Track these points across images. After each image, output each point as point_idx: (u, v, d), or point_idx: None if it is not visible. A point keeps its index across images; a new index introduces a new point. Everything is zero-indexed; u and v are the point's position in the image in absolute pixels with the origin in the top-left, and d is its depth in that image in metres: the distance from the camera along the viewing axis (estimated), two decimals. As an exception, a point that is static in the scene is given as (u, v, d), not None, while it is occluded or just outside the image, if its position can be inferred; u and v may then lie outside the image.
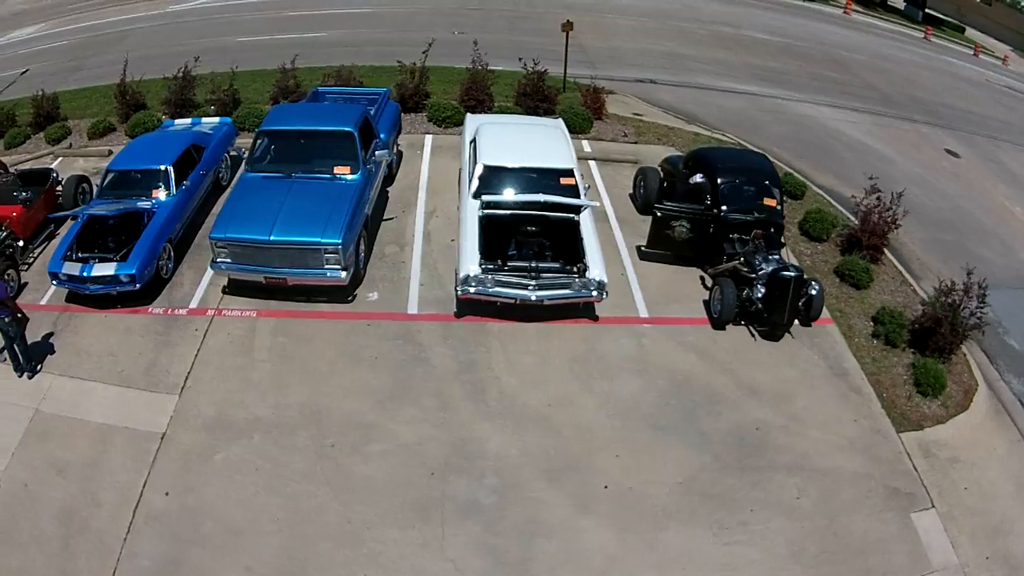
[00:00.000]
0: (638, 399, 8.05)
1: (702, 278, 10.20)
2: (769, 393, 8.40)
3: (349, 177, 9.85)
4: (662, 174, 11.57)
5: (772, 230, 10.14)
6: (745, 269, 9.49)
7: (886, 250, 11.65)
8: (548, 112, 13.81)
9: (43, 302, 9.99)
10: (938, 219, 14.11)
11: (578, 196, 9.57)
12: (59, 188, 12.27)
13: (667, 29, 23.04)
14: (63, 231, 11.85)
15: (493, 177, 9.51)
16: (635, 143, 13.59)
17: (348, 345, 8.64)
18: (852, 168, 15.49)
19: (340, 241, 8.71)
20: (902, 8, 36.46)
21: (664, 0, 27.52)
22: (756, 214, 10.11)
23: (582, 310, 9.14)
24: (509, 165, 9.64)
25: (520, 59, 14.11)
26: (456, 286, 8.58)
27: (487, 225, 8.99)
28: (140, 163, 11.20)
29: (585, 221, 9.38)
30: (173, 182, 10.92)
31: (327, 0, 25.91)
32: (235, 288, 9.84)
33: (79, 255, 9.99)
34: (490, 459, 7.24)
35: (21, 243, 11.19)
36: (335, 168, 9.89)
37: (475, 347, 8.46)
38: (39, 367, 9.07)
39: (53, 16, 28.40)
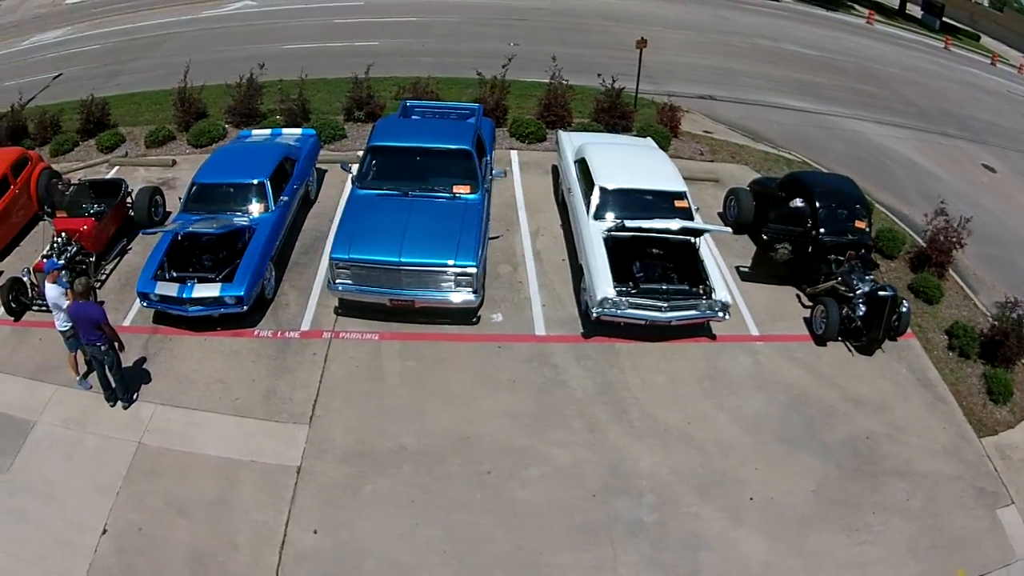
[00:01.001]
0: (764, 414, 8.39)
1: (798, 296, 10.50)
2: (871, 404, 8.90)
3: (469, 196, 9.69)
4: (753, 196, 11.87)
5: (862, 251, 10.53)
6: (843, 288, 9.86)
7: (948, 267, 12.16)
8: (626, 129, 13.96)
9: (126, 323, 9.63)
10: (985, 234, 14.50)
11: (691, 218, 9.82)
12: (130, 200, 11.81)
13: (711, 42, 23.22)
14: (137, 246, 11.35)
15: (612, 199, 9.61)
16: (711, 161, 13.78)
17: (483, 368, 8.55)
18: (905, 185, 15.88)
19: (475, 263, 8.65)
20: (919, 17, 36.96)
21: (698, 11, 27.83)
22: (849, 236, 10.49)
23: (700, 329, 9.34)
24: (627, 187, 9.75)
25: (599, 75, 14.18)
26: (591, 308, 8.67)
27: (613, 247, 9.08)
28: (232, 176, 10.62)
29: (701, 242, 9.59)
30: (271, 197, 10.36)
31: (370, 8, 25.83)
32: (350, 309, 9.52)
33: (173, 274, 9.49)
34: (644, 478, 7.38)
35: (93, 259, 10.61)
36: (454, 187, 9.72)
37: (608, 368, 8.57)
38: (135, 396, 8.57)
39: (78, 20, 28.03)
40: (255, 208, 10.20)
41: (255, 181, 10.40)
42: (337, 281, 9.12)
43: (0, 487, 7.69)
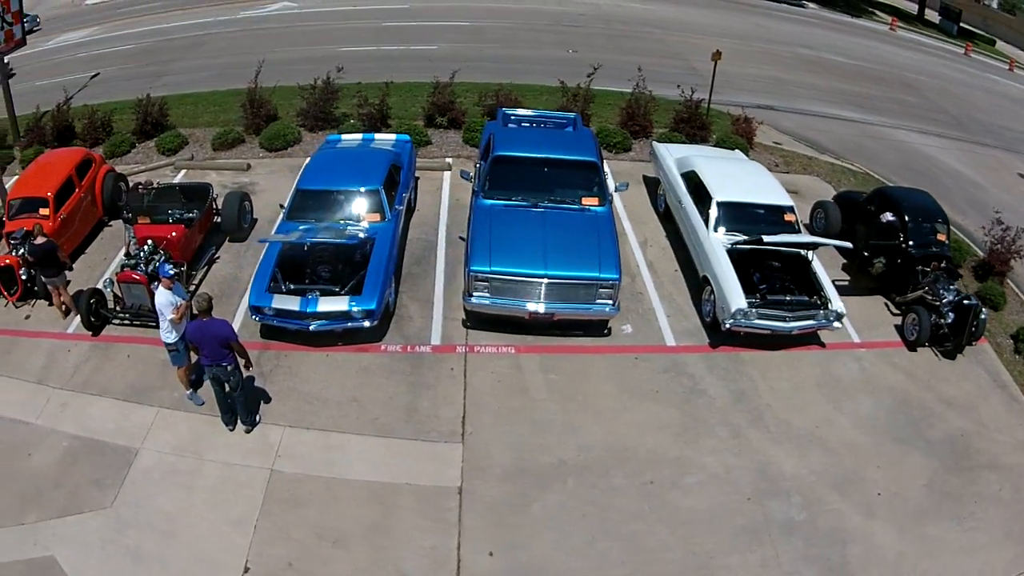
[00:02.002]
0: (876, 416, 8.93)
1: (886, 305, 11.07)
2: (960, 405, 9.47)
3: (598, 208, 9.73)
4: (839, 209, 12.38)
5: (944, 262, 11.13)
6: (930, 297, 10.43)
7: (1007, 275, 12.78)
8: (704, 140, 14.31)
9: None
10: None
11: (799, 231, 10.32)
12: (216, 206, 11.30)
13: (757, 52, 23.65)
14: (225, 255, 10.83)
15: (730, 213, 9.98)
16: (787, 173, 14.18)
17: (625, 380, 8.70)
18: (955, 195, 16.38)
19: (617, 276, 8.79)
20: (937, 22, 37.55)
21: (734, 18, 28.30)
22: (933, 248, 11.04)
23: (811, 337, 9.80)
24: (742, 201, 10.13)
25: (679, 86, 14.50)
26: (724, 319, 9.05)
27: (737, 260, 9.44)
28: (343, 183, 10.08)
29: (812, 255, 9.97)
30: (387, 205, 9.93)
31: (417, 12, 25.76)
32: (480, 322, 9.33)
33: (290, 287, 8.96)
34: (789, 480, 7.81)
35: (183, 268, 9.96)
36: (583, 199, 9.75)
37: (738, 376, 8.98)
38: (258, 418, 8.01)
39: (103, 20, 27.89)
40: (371, 217, 9.71)
41: (369, 188, 9.93)
42: (475, 294, 8.92)
43: (105, 523, 7.11)
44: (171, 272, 7.99)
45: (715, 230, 9.92)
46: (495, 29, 23.13)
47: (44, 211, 10.74)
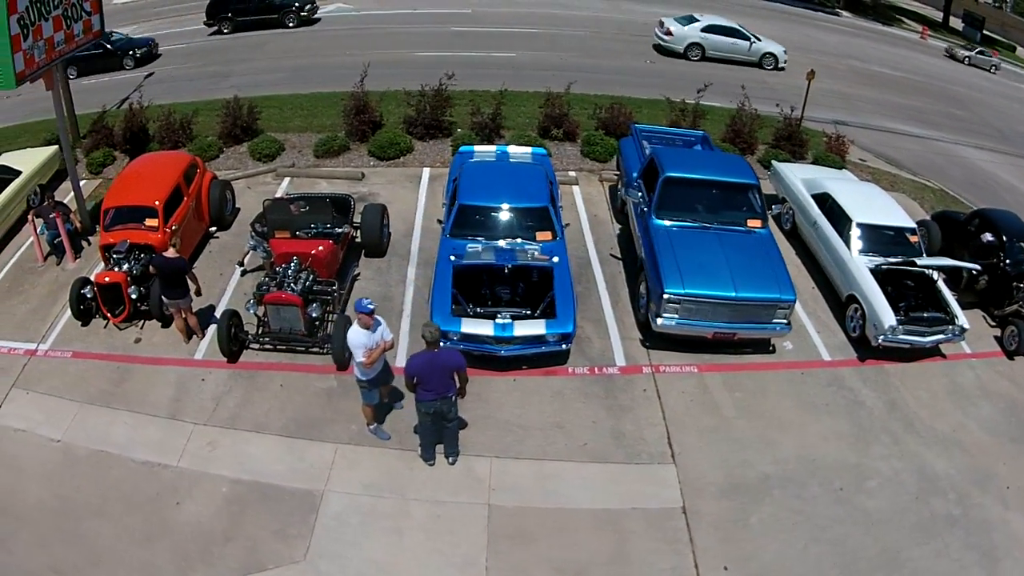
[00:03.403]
0: (995, 419, 9.70)
1: (984, 318, 11.89)
2: None
3: (760, 230, 10.06)
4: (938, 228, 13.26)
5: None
6: None
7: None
8: (801, 157, 14.92)
9: (400, 363, 8.39)
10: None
11: (922, 252, 11.03)
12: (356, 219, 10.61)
13: (815, 64, 23.46)
14: (366, 271, 10.39)
15: (870, 235, 10.71)
16: (879, 190, 15.19)
17: (798, 395, 9.16)
18: (1017, 212, 17.47)
19: (794, 297, 9.33)
20: (961, 30, 38.47)
21: (786, 28, 28.75)
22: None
23: (934, 349, 10.57)
24: (879, 223, 10.87)
25: (777, 105, 15.14)
26: (876, 335, 9.81)
27: (881, 281, 10.20)
28: (508, 199, 9.84)
29: (936, 273, 10.71)
30: (558, 222, 9.78)
31: (480, 17, 25.80)
32: (658, 342, 9.47)
33: (477, 311, 8.69)
34: (943, 479, 8.61)
35: (334, 287, 9.28)
36: (747, 220, 10.04)
37: (887, 387, 9.79)
38: (458, 449, 7.58)
39: (139, 20, 27.40)
40: (543, 235, 9.57)
41: (539, 205, 9.77)
42: (665, 315, 9.04)
43: (302, 579, 6.35)
44: (371, 307, 7.12)
45: (858, 251, 10.69)
46: (568, 38, 23.51)
47: (151, 221, 10.09)
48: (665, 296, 9.00)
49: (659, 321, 9.21)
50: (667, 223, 10.04)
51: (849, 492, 8.32)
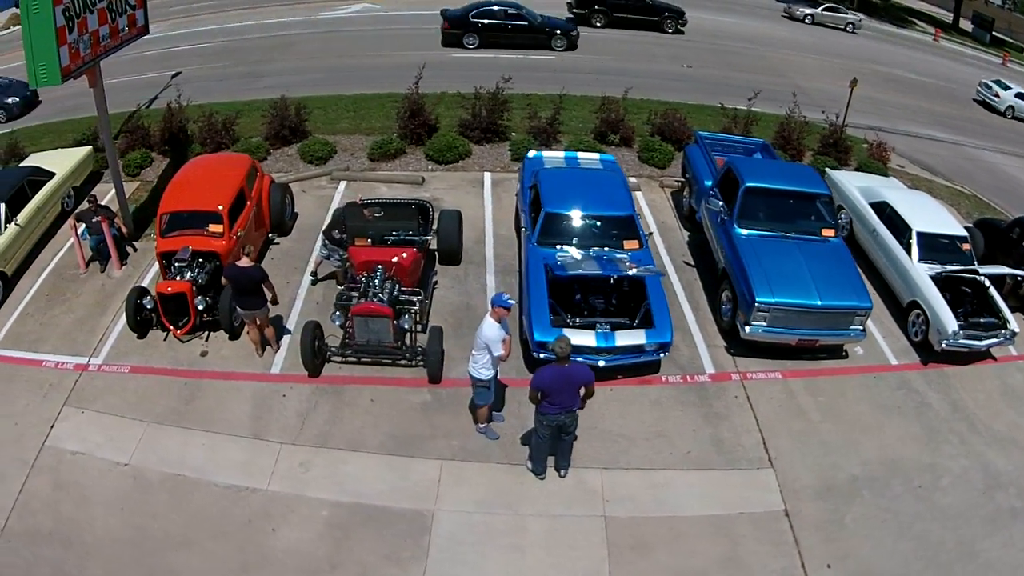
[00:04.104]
0: None
1: (1028, 321, 12.63)
2: None
3: (834, 238, 10.36)
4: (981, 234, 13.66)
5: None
6: None
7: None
8: (845, 164, 15.28)
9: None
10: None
11: (973, 260, 11.42)
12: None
13: (841, 68, 24.21)
14: (443, 279, 10.22)
15: (928, 242, 11.17)
16: (919, 196, 15.61)
17: (873, 398, 9.61)
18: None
19: (871, 304, 9.71)
20: (971, 31, 38.83)
21: (808, 32, 29.26)
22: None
23: (984, 352, 10.98)
24: (936, 232, 11.31)
25: (823, 112, 15.41)
26: (940, 340, 10.26)
27: (941, 287, 10.66)
28: (594, 207, 9.85)
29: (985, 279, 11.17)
30: (642, 231, 9.88)
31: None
32: (740, 349, 9.81)
33: (575, 321, 8.75)
34: (1003, 474, 9.04)
35: (421, 297, 9.04)
36: (822, 230, 10.31)
37: (948, 389, 10.27)
38: (570, 461, 7.49)
39: (158, 19, 25.95)
40: (630, 244, 9.64)
41: (625, 214, 9.85)
42: (755, 323, 9.26)
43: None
44: (511, 302, 7.14)
45: (918, 259, 11.12)
46: (603, 41, 23.61)
47: (215, 227, 9.62)
48: (756, 305, 9.25)
49: (747, 329, 9.48)
50: (750, 232, 10.31)
51: (927, 490, 8.76)
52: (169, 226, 9.80)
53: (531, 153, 12.74)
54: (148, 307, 9.18)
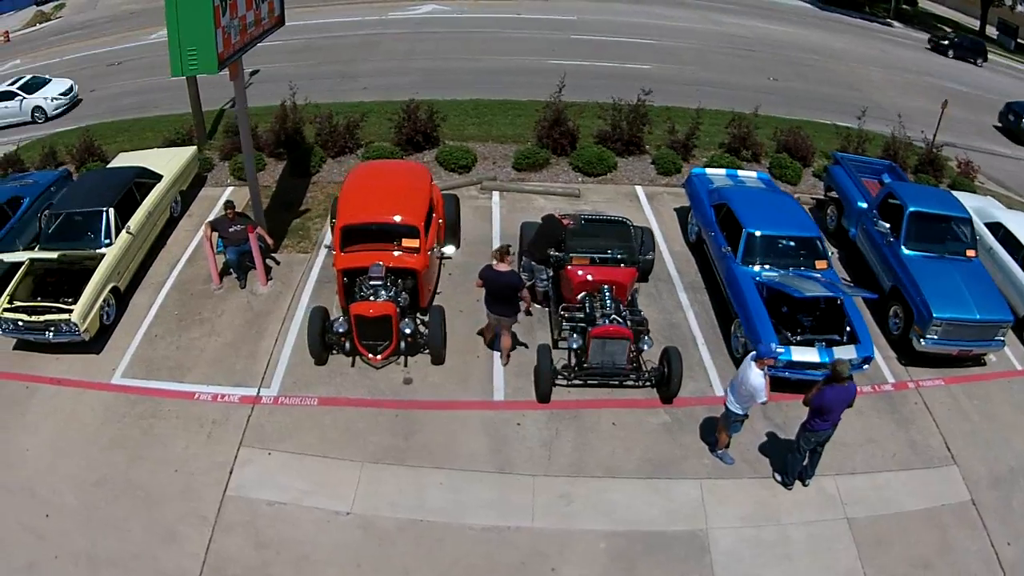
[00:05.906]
0: None
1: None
2: None
3: (975, 258, 11.35)
4: None
5: None
6: None
7: None
8: (939, 182, 15.91)
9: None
10: None
11: None
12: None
13: (901, 81, 25.00)
14: (640, 298, 10.24)
15: None
16: (1004, 212, 16.77)
17: (1013, 400, 10.37)
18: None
19: (1013, 318, 10.77)
20: (995, 37, 39.85)
21: (866, 45, 29.45)
22: None
23: None
24: None
25: (922, 131, 15.89)
26: None
27: None
28: (791, 228, 10.59)
29: None
30: (827, 250, 10.55)
31: (583, 25, 25.66)
32: (909, 360, 10.50)
33: (796, 338, 9.28)
34: None
35: (642, 315, 9.09)
36: (966, 251, 11.28)
37: None
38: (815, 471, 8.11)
39: None
40: (820, 263, 10.27)
41: (815, 235, 10.47)
42: (929, 336, 10.21)
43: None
44: (778, 352, 7.75)
45: None
46: (684, 50, 23.90)
47: (411, 242, 8.84)
48: (934, 320, 10.21)
49: (923, 342, 10.37)
50: (915, 253, 11.26)
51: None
52: (350, 239, 8.90)
53: (694, 170, 13.06)
54: (341, 331, 8.29)
